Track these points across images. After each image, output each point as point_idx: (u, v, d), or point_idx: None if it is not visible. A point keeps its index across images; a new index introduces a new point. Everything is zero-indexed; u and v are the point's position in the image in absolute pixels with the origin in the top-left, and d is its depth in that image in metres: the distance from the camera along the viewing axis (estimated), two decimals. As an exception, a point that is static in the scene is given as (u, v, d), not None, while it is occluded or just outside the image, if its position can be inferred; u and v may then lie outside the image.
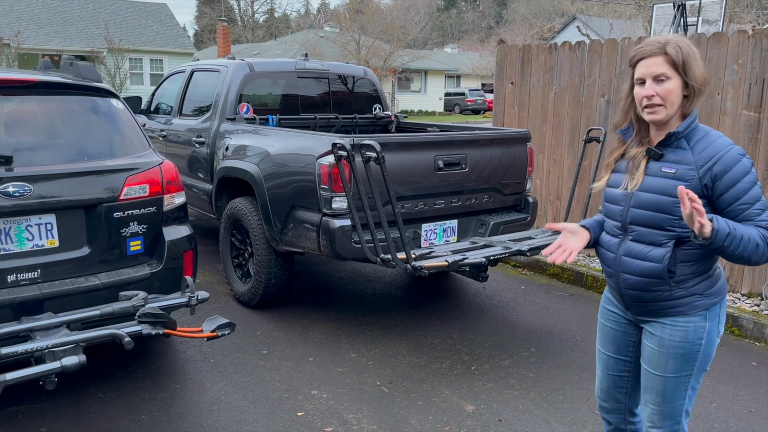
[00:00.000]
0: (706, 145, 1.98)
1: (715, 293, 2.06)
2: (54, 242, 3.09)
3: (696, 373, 2.09)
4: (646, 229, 2.05)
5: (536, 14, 47.77)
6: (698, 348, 2.06)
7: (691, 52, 1.96)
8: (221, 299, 4.93)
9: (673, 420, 2.13)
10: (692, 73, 1.96)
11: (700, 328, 2.05)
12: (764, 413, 3.40)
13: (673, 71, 1.96)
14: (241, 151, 4.72)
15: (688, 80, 1.96)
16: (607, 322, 2.32)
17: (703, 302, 2.04)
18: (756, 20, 27.56)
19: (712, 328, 2.07)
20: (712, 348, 2.09)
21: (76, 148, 3.28)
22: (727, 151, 1.95)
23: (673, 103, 1.98)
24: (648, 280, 2.06)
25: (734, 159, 1.95)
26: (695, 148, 1.99)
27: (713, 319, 2.06)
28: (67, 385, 3.46)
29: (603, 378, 2.37)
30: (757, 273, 4.86)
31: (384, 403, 3.42)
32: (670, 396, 2.10)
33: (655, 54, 1.97)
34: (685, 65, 1.95)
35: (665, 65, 1.96)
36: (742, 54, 4.79)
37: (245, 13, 63.83)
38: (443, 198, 4.33)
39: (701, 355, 2.07)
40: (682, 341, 2.06)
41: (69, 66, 3.82)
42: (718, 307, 2.07)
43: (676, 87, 1.97)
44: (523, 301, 5.11)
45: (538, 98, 6.31)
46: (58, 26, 27.26)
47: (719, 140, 1.99)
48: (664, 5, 14.00)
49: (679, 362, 2.07)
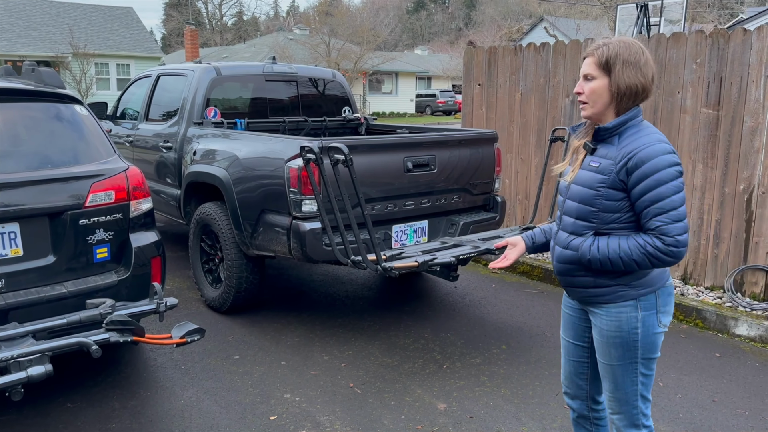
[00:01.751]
0: (631, 141, 2.03)
1: (645, 284, 2.10)
2: (18, 251, 3.04)
3: (642, 361, 2.14)
4: (573, 220, 2.14)
5: (504, 16, 48.29)
6: (635, 337, 2.11)
7: (624, 56, 2.02)
8: (192, 305, 4.90)
9: (630, 405, 2.18)
10: (617, 76, 2.02)
11: (632, 317, 2.11)
12: (727, 403, 3.50)
13: (599, 72, 2.05)
14: (209, 156, 4.70)
15: (611, 82, 2.03)
16: (566, 308, 2.40)
17: (630, 293, 2.10)
18: (718, 19, 28.26)
19: (647, 318, 2.11)
20: (652, 336, 2.12)
21: (40, 155, 3.23)
22: (645, 147, 1.98)
23: (596, 102, 2.07)
24: (569, 266, 2.17)
25: (649, 155, 1.97)
26: (621, 144, 2.05)
27: (647, 309, 2.11)
28: (35, 395, 3.41)
29: (565, 364, 2.44)
30: (719, 267, 4.99)
31: (357, 404, 3.44)
32: (620, 383, 2.17)
33: (590, 54, 2.08)
34: (611, 67, 2.03)
35: (593, 66, 2.06)
36: (701, 53, 4.92)
37: (213, 16, 63.30)
38: (413, 199, 4.36)
39: (641, 344, 2.12)
40: (617, 330, 2.13)
41: (31, 72, 3.76)
42: (652, 297, 2.11)
43: (600, 87, 2.05)
44: (494, 300, 5.17)
45: (505, 99, 6.39)
46: (21, 31, 26.69)
47: (645, 138, 2.02)
48: (628, 6, 14.29)
49: (621, 350, 2.14)
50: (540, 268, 5.73)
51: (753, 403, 3.50)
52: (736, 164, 4.83)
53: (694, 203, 5.09)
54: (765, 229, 4.73)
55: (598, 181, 2.05)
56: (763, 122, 4.65)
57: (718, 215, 4.96)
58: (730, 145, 4.85)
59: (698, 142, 5.02)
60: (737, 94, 4.76)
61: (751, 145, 4.73)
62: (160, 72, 5.97)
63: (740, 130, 4.78)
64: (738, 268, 4.87)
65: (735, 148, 4.82)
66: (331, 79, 6.25)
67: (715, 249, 5.02)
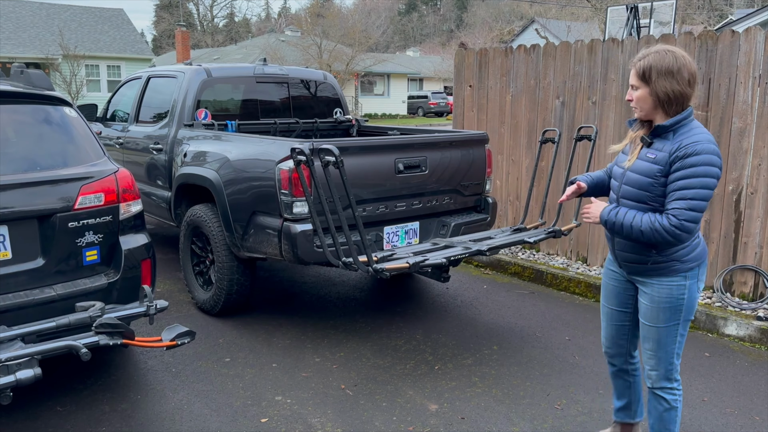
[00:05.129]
0: (686, 138, 2.34)
1: (693, 259, 2.49)
2: (6, 254, 3.03)
3: (682, 322, 2.55)
4: (632, 203, 2.49)
5: (496, 17, 48.45)
6: (681, 302, 2.51)
7: (657, 67, 2.35)
8: (183, 308, 4.88)
9: (667, 361, 2.59)
10: (654, 85, 2.36)
11: (681, 286, 2.50)
12: (717, 402, 3.53)
13: (640, 82, 2.41)
14: (199, 158, 4.69)
15: (651, 90, 2.37)
16: (610, 281, 2.79)
17: (682, 266, 2.48)
18: (707, 21, 28.45)
19: (692, 286, 2.51)
20: (693, 302, 2.53)
21: (29, 157, 3.21)
22: (697, 144, 2.31)
23: (643, 107, 2.44)
24: (633, 245, 2.53)
25: (697, 150, 2.29)
26: (676, 139, 2.37)
27: (692, 278, 2.50)
28: (24, 399, 3.38)
29: (608, 328, 2.84)
30: (708, 267, 5.02)
31: (348, 405, 3.44)
32: (663, 342, 2.57)
33: (633, 66, 2.45)
34: (648, 78, 2.38)
35: (635, 77, 2.43)
36: (689, 55, 4.94)
37: (204, 17, 63.16)
38: (404, 200, 4.37)
39: (684, 308, 2.53)
40: (668, 297, 2.51)
41: (20, 74, 3.74)
42: (697, 269, 2.51)
43: (643, 95, 2.41)
44: (486, 300, 5.18)
45: (495, 101, 6.41)
46: (10, 33, 26.52)
47: (697, 136, 2.33)
48: (618, 7, 14.37)
49: (668, 314, 2.53)
50: (531, 269, 5.75)
51: (742, 402, 3.52)
52: (724, 165, 4.86)
53: (684, 204, 5.12)
54: (754, 229, 4.76)
55: (656, 171, 2.39)
56: (751, 123, 4.69)
57: (708, 216, 4.99)
58: (719, 146, 4.87)
59: (687, 143, 5.04)
60: (725, 95, 4.80)
61: (740, 146, 4.77)
62: (151, 74, 5.95)
63: (729, 131, 4.82)
64: (727, 268, 4.90)
65: (723, 149, 4.85)
66: (323, 80, 6.25)
67: (704, 249, 5.04)
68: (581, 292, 5.32)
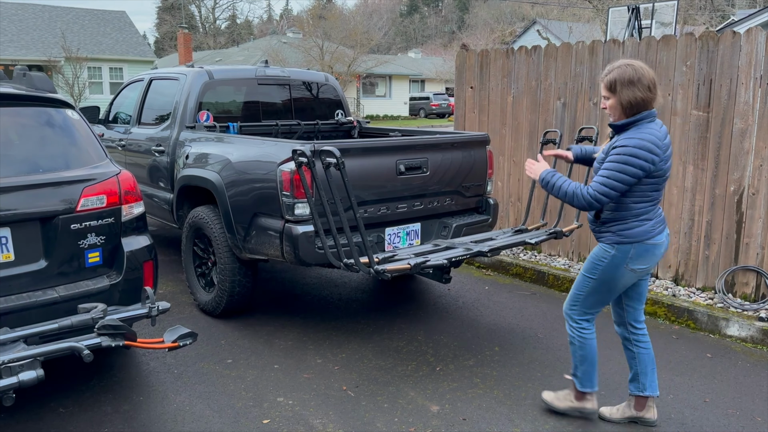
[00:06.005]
0: (627, 134, 2.85)
1: (627, 237, 2.95)
2: (9, 256, 3.04)
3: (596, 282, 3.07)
4: None
5: (497, 19, 48.46)
6: (601, 264, 3.03)
7: (621, 79, 2.84)
8: (185, 309, 4.89)
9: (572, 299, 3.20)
10: (620, 95, 2.85)
11: (606, 252, 3.02)
12: (719, 403, 3.52)
13: (609, 93, 2.90)
14: (201, 160, 4.70)
15: (617, 99, 2.86)
16: None
17: (612, 237, 2.99)
18: (709, 22, 28.42)
19: (616, 258, 2.98)
20: (613, 271, 3.01)
21: (31, 159, 3.23)
22: (627, 138, 2.83)
23: (614, 112, 2.93)
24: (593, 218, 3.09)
25: (623, 143, 2.82)
26: (621, 136, 2.87)
27: (621, 252, 2.97)
28: (27, 400, 3.39)
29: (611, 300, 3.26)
30: (710, 268, 5.02)
31: (350, 407, 3.44)
32: (576, 284, 3.18)
33: (602, 81, 2.94)
34: (615, 89, 2.87)
35: (605, 89, 2.92)
36: (690, 56, 4.96)
37: (206, 19, 63.26)
38: (406, 202, 4.37)
39: (601, 271, 3.04)
40: (594, 255, 3.08)
41: (22, 76, 3.76)
42: (629, 248, 2.96)
43: (613, 103, 2.90)
44: (487, 302, 5.18)
45: (497, 102, 6.41)
46: (13, 35, 26.59)
47: (636, 134, 2.82)
48: (620, 8, 14.36)
49: (588, 266, 3.10)
50: (533, 270, 5.75)
51: (744, 403, 3.52)
52: (726, 166, 4.86)
53: (685, 204, 5.12)
54: (755, 230, 4.76)
55: (601, 160, 2.93)
56: (752, 124, 4.69)
57: (709, 216, 4.99)
58: (720, 147, 4.88)
59: (689, 143, 5.05)
60: (727, 96, 4.80)
61: (741, 146, 4.77)
62: (153, 76, 5.96)
63: (730, 131, 4.82)
64: (729, 269, 4.90)
65: (725, 149, 4.85)
66: (324, 82, 6.26)
67: (706, 250, 5.05)
68: (583, 293, 5.31)
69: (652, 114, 2.86)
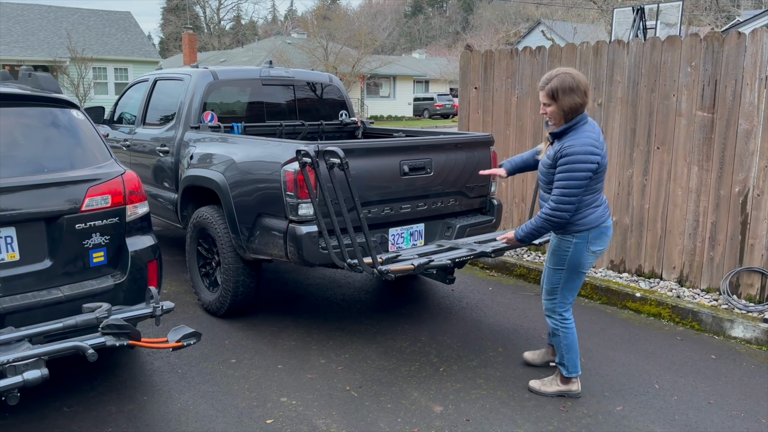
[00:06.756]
0: (567, 141, 3.11)
1: (583, 224, 3.26)
2: (14, 255, 3.05)
3: (567, 271, 3.37)
4: (543, 185, 3.37)
5: (502, 19, 48.42)
6: (568, 252, 3.33)
7: (561, 87, 3.08)
8: (189, 309, 4.90)
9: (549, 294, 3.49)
10: (561, 102, 3.10)
11: (569, 239, 3.32)
12: (723, 405, 3.51)
13: (550, 100, 3.13)
14: (206, 160, 4.71)
15: (559, 106, 3.11)
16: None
17: (573, 227, 3.27)
18: (714, 22, 28.33)
19: (579, 244, 3.30)
20: (579, 256, 3.32)
21: (36, 159, 3.24)
22: (568, 146, 3.09)
23: (554, 118, 3.17)
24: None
25: (566, 152, 3.09)
26: (563, 142, 3.14)
27: (581, 238, 3.29)
28: (31, 400, 3.41)
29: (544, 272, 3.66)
30: (715, 269, 5.01)
31: (353, 407, 3.44)
32: (549, 280, 3.47)
33: (541, 89, 3.17)
34: (556, 97, 3.10)
35: (546, 97, 3.15)
36: (695, 57, 4.94)
37: (211, 20, 63.40)
38: (409, 202, 4.37)
39: (568, 258, 3.34)
40: (557, 247, 3.39)
41: (27, 77, 3.77)
42: (587, 233, 3.28)
43: (554, 110, 3.15)
44: (491, 302, 5.18)
45: (501, 103, 6.41)
46: (19, 36, 26.71)
47: (575, 140, 3.09)
48: (625, 9, 14.32)
49: (554, 258, 3.42)
50: (537, 271, 5.74)
51: (749, 405, 3.51)
52: (731, 167, 4.85)
53: (690, 206, 5.11)
54: (760, 231, 4.74)
55: (549, 165, 3.23)
56: (757, 125, 4.67)
57: (714, 217, 4.98)
58: (725, 148, 4.87)
59: (693, 144, 5.04)
60: (732, 97, 4.78)
61: (746, 147, 4.75)
62: (157, 76, 5.98)
63: (735, 132, 4.80)
64: (734, 270, 4.89)
65: (730, 150, 4.84)
66: (328, 83, 6.27)
67: (710, 251, 5.03)
68: (586, 294, 5.31)
69: (585, 116, 3.16)
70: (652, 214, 5.36)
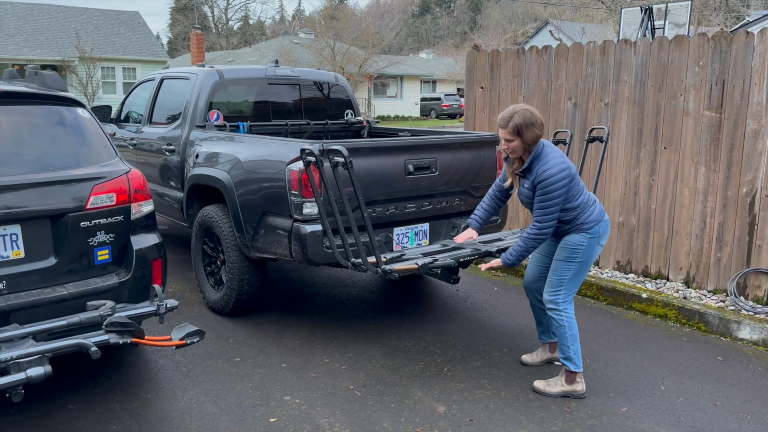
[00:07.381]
0: (538, 167, 3.32)
1: (589, 222, 3.43)
2: (19, 253, 3.06)
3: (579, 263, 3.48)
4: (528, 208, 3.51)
5: (510, 19, 48.31)
6: (582, 246, 3.45)
7: (524, 123, 3.27)
8: (194, 308, 4.91)
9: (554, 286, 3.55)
10: (524, 136, 3.30)
11: (584, 236, 3.45)
12: (729, 406, 3.49)
13: (513, 136, 3.32)
14: (211, 159, 4.72)
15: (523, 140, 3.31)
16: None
17: (585, 226, 3.43)
18: (724, 22, 28.17)
19: (593, 239, 3.45)
20: (591, 250, 3.47)
21: (42, 157, 3.25)
22: (542, 171, 3.28)
23: (517, 152, 3.39)
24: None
25: (541, 177, 3.28)
26: (534, 170, 3.34)
27: (593, 233, 3.45)
28: (36, 397, 3.42)
29: (532, 268, 3.82)
30: (722, 270, 4.97)
31: (357, 406, 3.44)
32: (557, 272, 3.54)
33: (503, 127, 3.35)
34: (520, 133, 3.29)
35: (509, 134, 3.33)
36: (703, 56, 4.91)
37: (219, 20, 63.59)
38: (414, 202, 4.36)
39: (582, 252, 3.46)
40: (570, 242, 3.48)
41: (34, 75, 3.79)
42: (597, 228, 3.45)
43: (517, 144, 3.35)
44: (496, 303, 5.16)
45: (507, 102, 6.38)
46: (28, 35, 26.85)
47: (544, 165, 3.29)
48: (633, 9, 14.26)
49: (567, 252, 3.49)
50: (542, 271, 5.71)
51: (755, 407, 3.48)
52: (738, 167, 4.81)
53: (697, 206, 5.07)
54: (768, 232, 4.71)
55: (530, 194, 3.41)
56: (765, 125, 4.64)
57: (721, 218, 4.94)
58: (733, 148, 4.83)
59: (701, 145, 5.00)
60: (740, 96, 4.75)
61: (754, 148, 4.72)
62: (164, 75, 6.00)
63: (743, 133, 4.77)
64: (741, 272, 4.85)
65: (738, 151, 4.80)
66: (334, 82, 6.26)
67: (717, 252, 5.00)
68: (593, 295, 5.28)
69: (541, 142, 3.38)
70: (659, 215, 5.33)
